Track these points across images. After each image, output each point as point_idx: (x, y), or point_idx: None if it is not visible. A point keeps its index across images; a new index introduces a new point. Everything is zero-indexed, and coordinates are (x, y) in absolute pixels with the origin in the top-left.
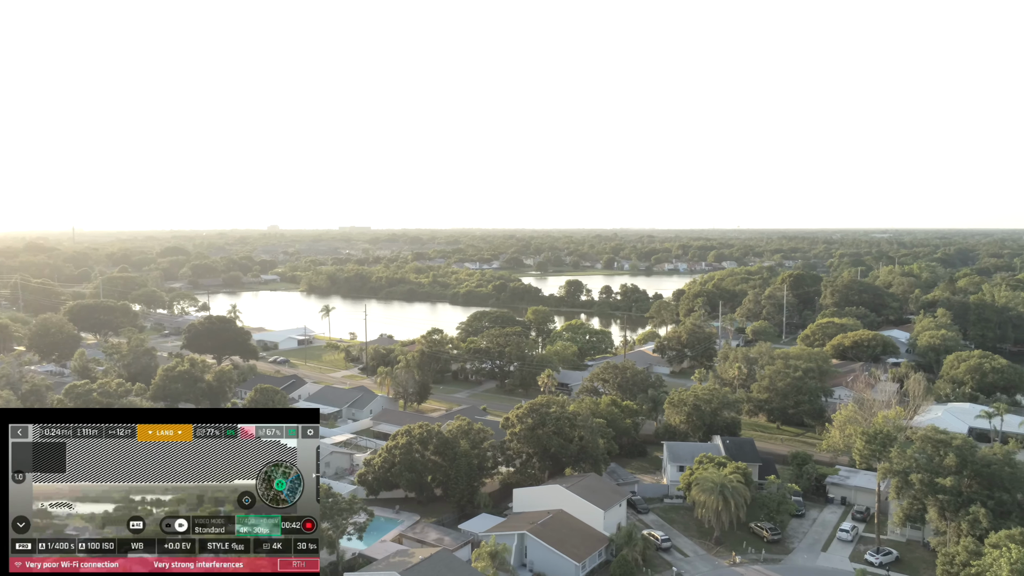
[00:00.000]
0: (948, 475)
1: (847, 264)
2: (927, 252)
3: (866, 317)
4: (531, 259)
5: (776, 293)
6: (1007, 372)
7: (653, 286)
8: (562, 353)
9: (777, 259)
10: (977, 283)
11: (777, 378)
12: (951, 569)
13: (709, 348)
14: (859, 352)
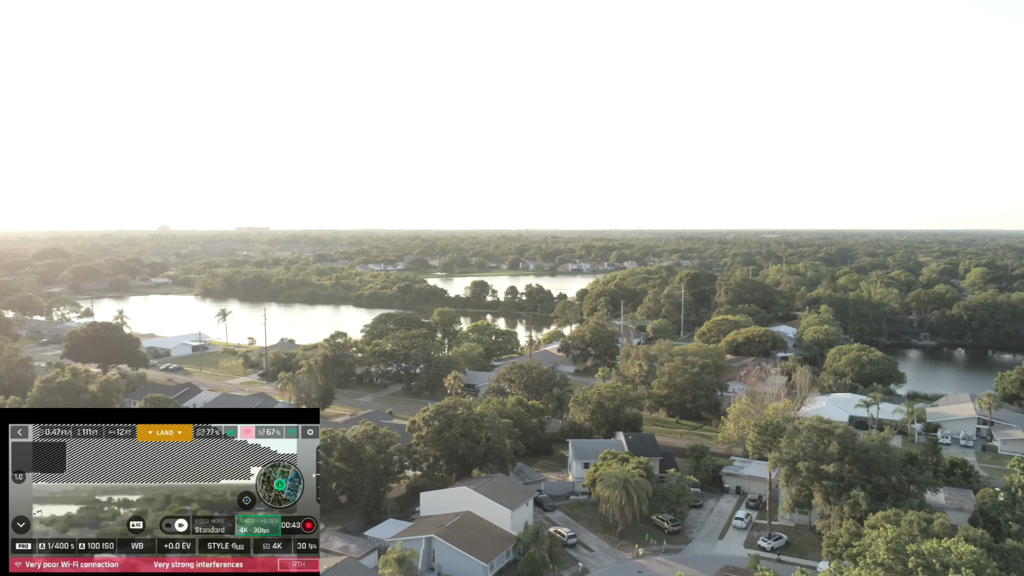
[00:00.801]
0: (831, 462)
1: (740, 263)
2: (811, 252)
3: (757, 314)
4: (436, 260)
5: (674, 292)
6: (882, 363)
7: (557, 286)
8: (468, 354)
9: (675, 259)
10: (856, 280)
11: (676, 374)
12: (835, 550)
13: (612, 346)
14: (751, 347)
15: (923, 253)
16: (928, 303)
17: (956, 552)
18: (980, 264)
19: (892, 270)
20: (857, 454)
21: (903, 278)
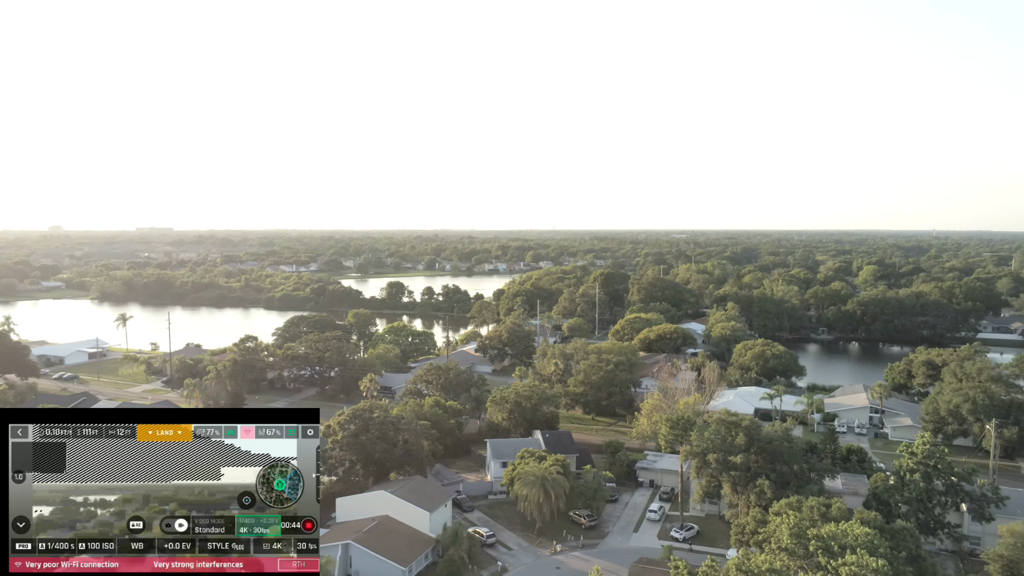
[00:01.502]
0: (739, 453)
1: (651, 263)
2: (719, 251)
3: (668, 312)
4: (351, 261)
5: (589, 291)
6: (784, 357)
7: (474, 286)
8: (384, 356)
9: (589, 259)
10: (759, 279)
11: (591, 372)
12: (742, 537)
13: (529, 346)
14: (663, 344)
15: (820, 252)
16: (825, 299)
17: (852, 534)
18: (871, 262)
19: (793, 268)
20: (762, 445)
21: (803, 276)
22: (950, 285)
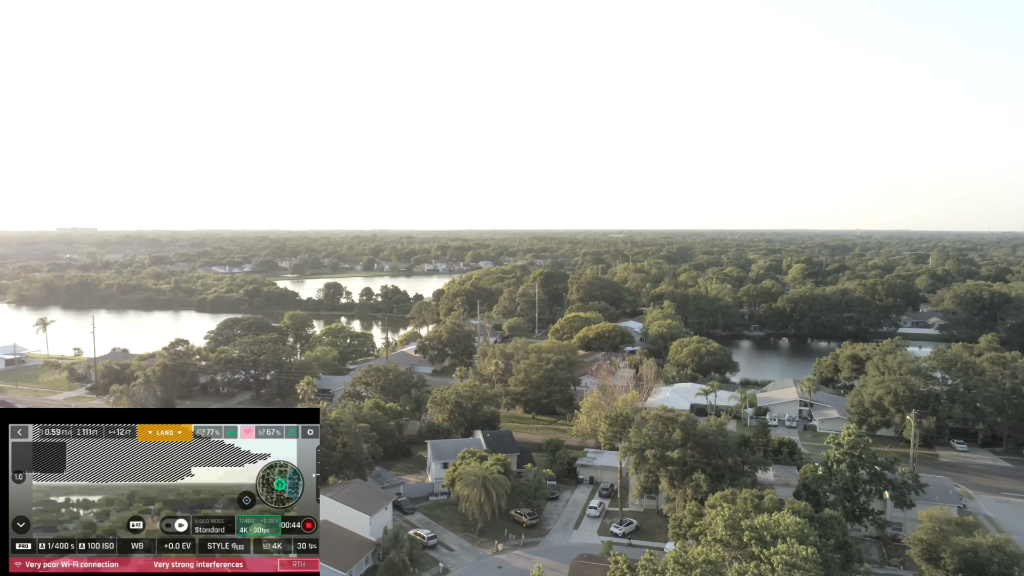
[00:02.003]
0: (676, 448)
1: (590, 262)
2: (655, 250)
3: (607, 310)
4: (287, 262)
5: (529, 291)
6: (719, 354)
7: (414, 287)
8: (322, 358)
9: (529, 258)
10: (694, 277)
11: (531, 371)
12: (679, 531)
13: (469, 346)
14: (602, 342)
15: (752, 251)
16: (757, 297)
17: (783, 524)
18: (800, 261)
19: (726, 267)
20: (698, 439)
21: (735, 274)
22: (873, 282)
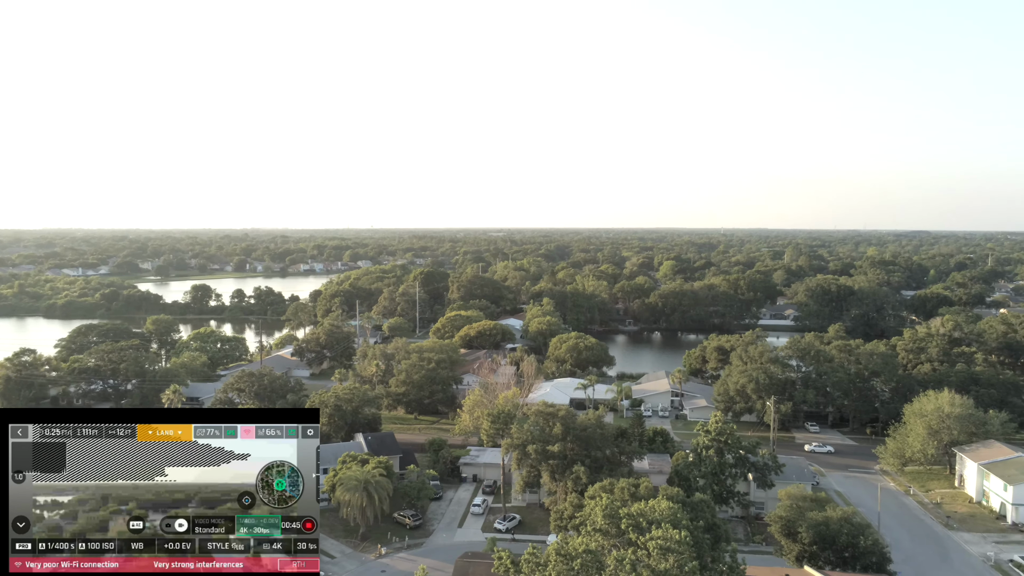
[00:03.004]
0: (556, 442)
1: (470, 261)
2: (534, 248)
3: (488, 308)
4: (149, 263)
5: (409, 290)
6: (596, 349)
7: (289, 288)
8: (190, 365)
9: (409, 257)
10: (572, 275)
11: (413, 371)
12: (561, 523)
13: (348, 347)
14: (483, 341)
15: (626, 249)
16: (631, 293)
17: (658, 510)
18: (670, 258)
19: (602, 265)
20: (577, 433)
21: (611, 271)
22: (736, 278)
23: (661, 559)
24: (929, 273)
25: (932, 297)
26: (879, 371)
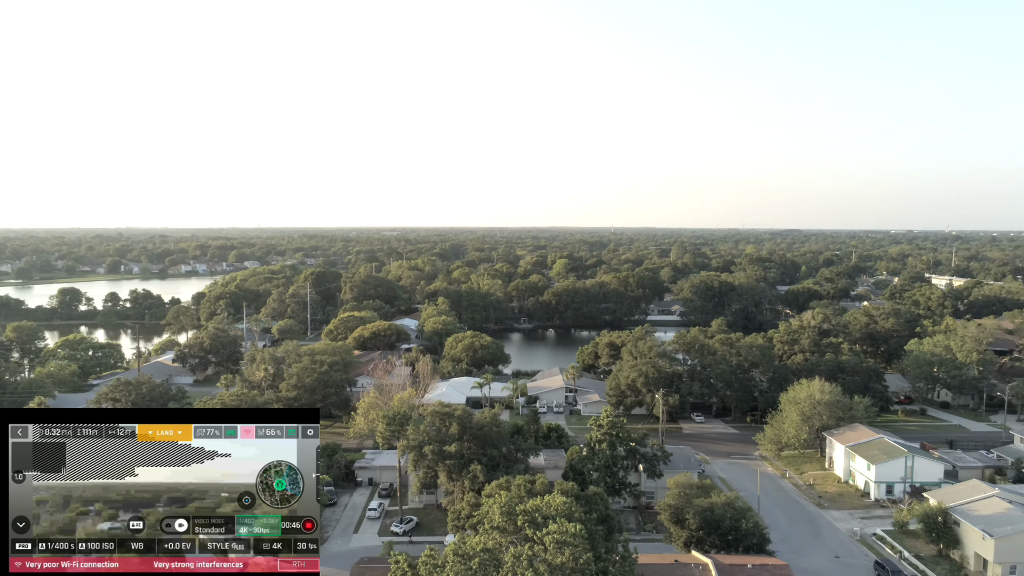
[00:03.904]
0: (453, 442)
1: (363, 260)
2: (428, 248)
3: (382, 309)
4: (8, 265)
5: (300, 291)
6: (492, 347)
7: (169, 290)
8: (58, 375)
9: (299, 257)
10: (467, 273)
11: (305, 375)
12: (458, 522)
13: (235, 351)
14: (377, 342)
15: (520, 248)
16: (525, 291)
17: (553, 505)
18: (563, 256)
19: (496, 263)
20: (474, 432)
21: (505, 270)
22: (625, 275)
23: (557, 553)
24: (801, 269)
25: (804, 292)
26: (758, 362)
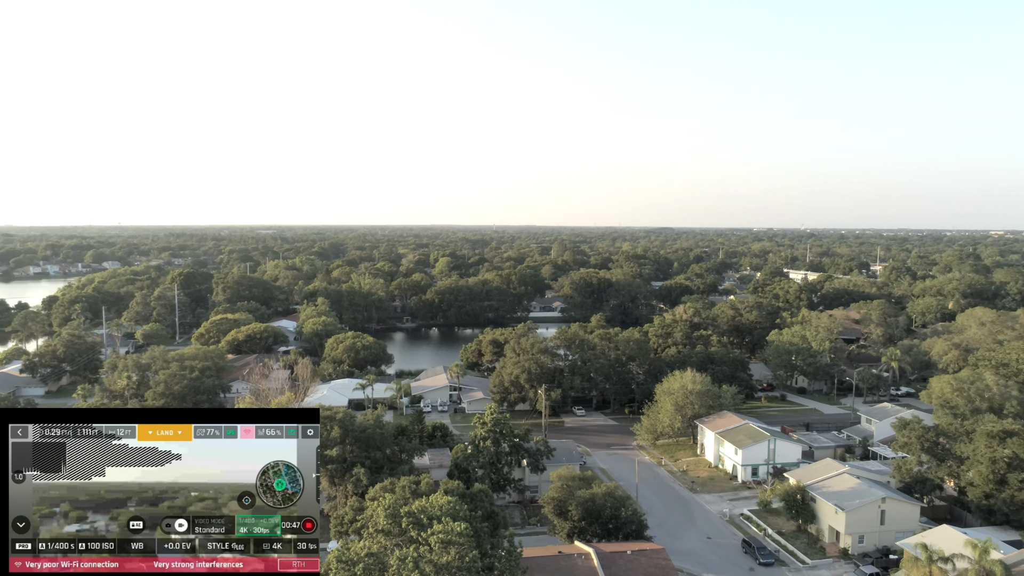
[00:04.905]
0: (334, 446)
1: (237, 260)
2: (306, 246)
3: (258, 310)
4: None
5: (167, 293)
6: (374, 348)
7: (15, 294)
8: None
9: (165, 257)
10: (348, 273)
11: (173, 382)
12: (341, 528)
13: (94, 359)
14: (253, 345)
15: (402, 246)
16: (408, 290)
17: (437, 505)
18: (445, 255)
19: (378, 262)
20: (356, 434)
21: (387, 269)
22: (508, 273)
23: (443, 553)
24: (673, 266)
25: (676, 287)
26: (634, 356)
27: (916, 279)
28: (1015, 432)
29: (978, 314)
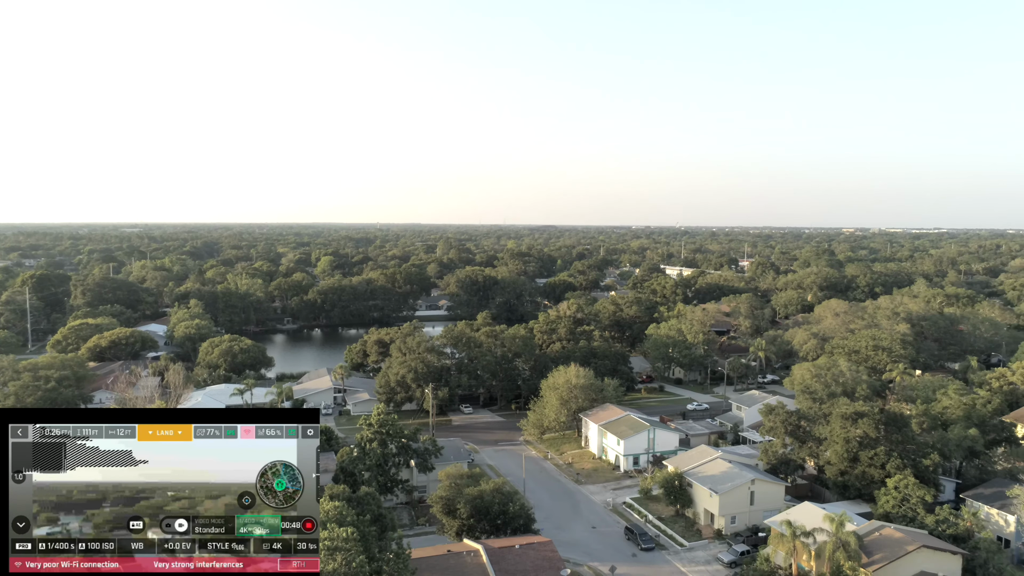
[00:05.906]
0: None
1: (98, 260)
2: (177, 246)
3: (123, 314)
4: None
5: (16, 297)
6: (253, 351)
7: None
8: None
9: (14, 258)
10: (223, 273)
11: (25, 394)
12: None
13: None
14: (118, 351)
15: (281, 245)
16: (288, 290)
17: (323, 510)
18: (328, 253)
19: (256, 262)
20: None
21: (266, 268)
22: (393, 272)
23: (329, 559)
24: (557, 263)
25: (560, 284)
26: (520, 352)
27: (779, 274)
28: (865, 413)
29: (833, 305)
